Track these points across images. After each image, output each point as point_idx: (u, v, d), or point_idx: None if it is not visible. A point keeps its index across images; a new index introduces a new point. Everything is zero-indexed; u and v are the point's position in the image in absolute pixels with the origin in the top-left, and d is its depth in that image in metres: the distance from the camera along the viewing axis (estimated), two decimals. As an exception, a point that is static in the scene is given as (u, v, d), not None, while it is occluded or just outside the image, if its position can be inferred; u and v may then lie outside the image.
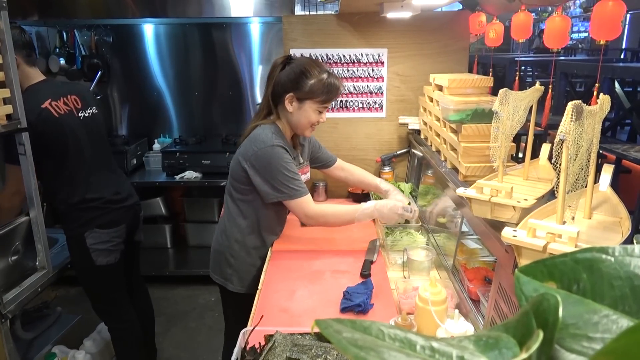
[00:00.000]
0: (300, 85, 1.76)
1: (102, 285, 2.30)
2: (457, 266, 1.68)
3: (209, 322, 3.19)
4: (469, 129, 1.69)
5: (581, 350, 0.30)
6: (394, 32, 2.52)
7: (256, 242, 1.92)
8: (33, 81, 2.08)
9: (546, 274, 0.36)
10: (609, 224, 1.11)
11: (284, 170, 1.75)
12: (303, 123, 1.83)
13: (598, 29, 1.18)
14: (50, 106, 2.05)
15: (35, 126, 1.95)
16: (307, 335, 1.19)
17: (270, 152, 1.75)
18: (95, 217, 2.18)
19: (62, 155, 2.10)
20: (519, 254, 1.03)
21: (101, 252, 2.19)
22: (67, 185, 2.14)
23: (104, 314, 2.41)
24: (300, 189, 1.78)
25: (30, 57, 2.08)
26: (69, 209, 2.15)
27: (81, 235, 2.16)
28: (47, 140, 2.05)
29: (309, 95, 1.77)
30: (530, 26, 1.66)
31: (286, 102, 1.79)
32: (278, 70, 1.81)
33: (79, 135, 2.14)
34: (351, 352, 0.33)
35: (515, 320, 0.34)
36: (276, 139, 1.78)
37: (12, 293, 1.95)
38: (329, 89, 1.77)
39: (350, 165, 2.25)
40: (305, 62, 1.81)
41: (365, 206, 1.86)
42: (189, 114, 3.96)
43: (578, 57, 7.96)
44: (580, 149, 0.97)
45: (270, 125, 1.83)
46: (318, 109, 1.80)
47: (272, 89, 1.82)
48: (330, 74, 1.79)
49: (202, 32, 3.75)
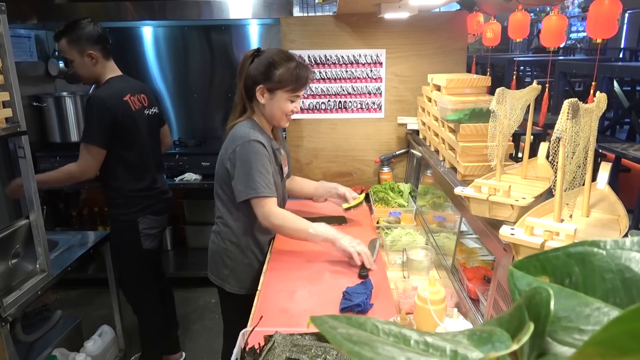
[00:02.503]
0: (269, 76, 1.78)
1: (142, 269, 2.46)
2: (456, 266, 1.68)
3: (208, 324, 3.19)
4: (467, 128, 1.69)
5: (573, 342, 0.30)
6: (392, 33, 2.53)
7: (250, 242, 1.92)
8: (113, 74, 2.30)
9: (539, 269, 0.37)
10: (607, 222, 1.11)
11: (259, 166, 1.76)
12: (277, 114, 1.84)
13: (594, 27, 1.18)
14: (130, 100, 2.26)
15: (116, 115, 2.17)
16: (307, 336, 1.20)
17: (248, 147, 1.77)
18: (151, 204, 2.39)
19: (132, 145, 2.29)
20: (517, 252, 1.03)
21: (148, 236, 2.39)
22: (133, 174, 2.32)
23: (137, 297, 2.53)
24: (269, 188, 1.77)
25: (106, 50, 2.26)
26: (130, 195, 2.33)
27: (135, 220, 2.35)
28: (122, 130, 2.22)
29: (278, 85, 1.78)
30: (527, 25, 1.67)
31: (258, 95, 1.81)
32: (247, 64, 1.82)
33: (146, 130, 2.35)
34: (346, 347, 0.33)
35: (509, 314, 0.35)
36: (254, 134, 1.80)
37: (13, 296, 1.95)
38: (297, 77, 1.78)
39: (297, 177, 2.32)
40: (272, 52, 1.82)
41: (321, 230, 1.76)
42: (189, 116, 3.96)
43: (577, 56, 7.97)
44: (577, 147, 0.98)
45: (248, 121, 1.86)
46: (289, 98, 1.82)
47: (243, 83, 1.84)
48: (299, 63, 1.81)
49: (201, 34, 3.75)
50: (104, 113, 2.15)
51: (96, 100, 2.18)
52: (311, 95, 2.63)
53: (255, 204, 1.79)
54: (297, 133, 2.70)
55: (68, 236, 2.47)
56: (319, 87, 2.62)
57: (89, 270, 3.59)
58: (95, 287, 3.51)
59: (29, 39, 3.43)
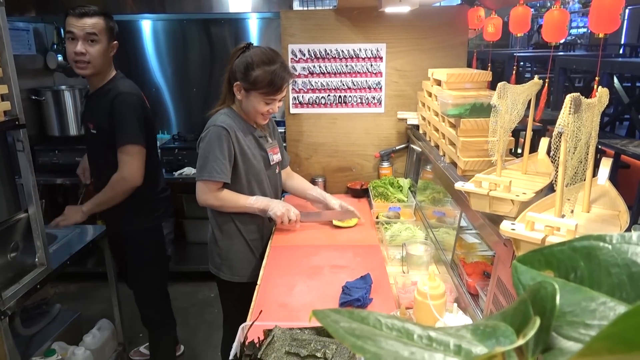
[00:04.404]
0: (245, 76, 1.80)
1: (163, 277, 2.36)
2: (456, 261, 1.68)
3: (208, 318, 3.19)
4: (467, 123, 1.68)
5: (578, 337, 0.29)
6: (393, 27, 2.52)
7: (233, 228, 1.95)
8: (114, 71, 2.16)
9: (544, 263, 0.36)
10: (608, 217, 1.11)
11: (217, 151, 1.80)
12: (251, 112, 1.87)
13: (597, 21, 1.17)
14: (145, 98, 2.18)
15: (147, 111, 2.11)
16: (306, 330, 1.20)
17: (211, 132, 1.82)
18: (168, 207, 2.32)
19: (153, 145, 2.22)
20: (518, 247, 1.03)
21: (169, 241, 2.32)
22: (153, 175, 2.22)
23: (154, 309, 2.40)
24: (219, 173, 1.80)
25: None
26: (151, 198, 2.22)
27: (159, 225, 2.25)
28: (149, 128, 2.14)
29: (252, 87, 1.80)
30: (528, 20, 1.66)
31: (235, 90, 1.85)
32: (235, 57, 1.85)
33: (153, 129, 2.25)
34: (349, 342, 0.32)
35: (513, 308, 0.34)
36: (223, 120, 1.83)
37: (11, 290, 1.94)
38: (272, 82, 1.78)
39: (296, 175, 2.30)
40: (255, 53, 1.82)
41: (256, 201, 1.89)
42: (188, 111, 3.95)
43: (577, 52, 7.96)
44: (579, 142, 0.97)
45: (226, 109, 1.90)
46: (264, 100, 1.82)
47: (227, 74, 1.89)
48: (279, 67, 1.80)
49: (200, 28, 3.73)
50: (138, 109, 2.06)
51: (129, 97, 2.04)
52: (311, 90, 2.63)
53: (200, 185, 1.85)
54: (297, 128, 2.69)
55: (67, 230, 2.46)
56: (318, 81, 2.61)
57: (88, 264, 3.59)
58: (94, 281, 3.50)
59: (27, 32, 3.41)
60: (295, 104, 2.65)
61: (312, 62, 2.58)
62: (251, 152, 1.90)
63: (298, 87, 2.62)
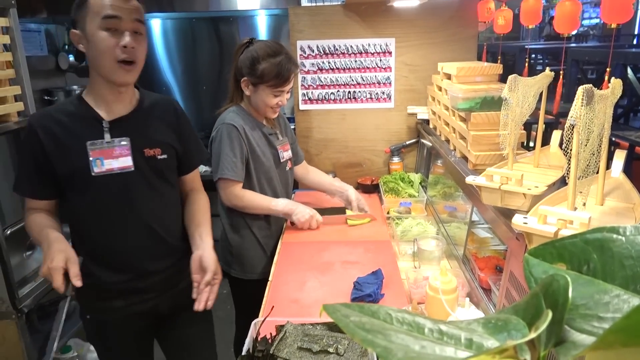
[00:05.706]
0: (252, 70, 1.81)
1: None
2: (467, 255, 1.67)
3: (221, 315, 3.20)
4: (478, 117, 1.67)
5: (591, 330, 0.29)
6: (401, 22, 2.50)
7: (243, 226, 1.95)
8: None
9: (556, 256, 0.36)
10: (622, 210, 1.10)
11: (227, 149, 1.81)
12: (261, 106, 1.88)
13: (609, 11, 1.16)
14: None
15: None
16: (318, 326, 1.20)
17: (222, 130, 1.83)
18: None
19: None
20: (530, 241, 1.02)
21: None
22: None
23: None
24: (232, 171, 1.81)
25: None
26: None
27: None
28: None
29: (260, 80, 1.81)
30: (539, 11, 1.64)
31: (243, 86, 1.86)
32: (239, 54, 1.86)
33: None
34: (359, 336, 0.32)
35: (525, 302, 0.34)
36: (232, 117, 1.84)
37: (27, 288, 1.98)
38: (279, 73, 1.79)
39: (313, 168, 2.29)
40: (259, 46, 1.83)
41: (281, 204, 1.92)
42: (198, 108, 3.96)
43: (589, 43, 7.84)
44: (592, 134, 0.96)
45: (234, 107, 1.91)
46: (272, 92, 1.83)
47: (233, 72, 1.90)
48: (284, 59, 1.80)
49: (209, 26, 3.74)
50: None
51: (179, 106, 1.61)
52: (320, 86, 2.62)
53: (218, 185, 1.87)
54: (307, 124, 2.69)
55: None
56: (327, 77, 2.61)
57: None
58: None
59: (39, 33, 3.45)
60: (305, 100, 2.65)
61: (321, 58, 2.57)
62: (260, 149, 1.90)
63: (307, 84, 2.61)
